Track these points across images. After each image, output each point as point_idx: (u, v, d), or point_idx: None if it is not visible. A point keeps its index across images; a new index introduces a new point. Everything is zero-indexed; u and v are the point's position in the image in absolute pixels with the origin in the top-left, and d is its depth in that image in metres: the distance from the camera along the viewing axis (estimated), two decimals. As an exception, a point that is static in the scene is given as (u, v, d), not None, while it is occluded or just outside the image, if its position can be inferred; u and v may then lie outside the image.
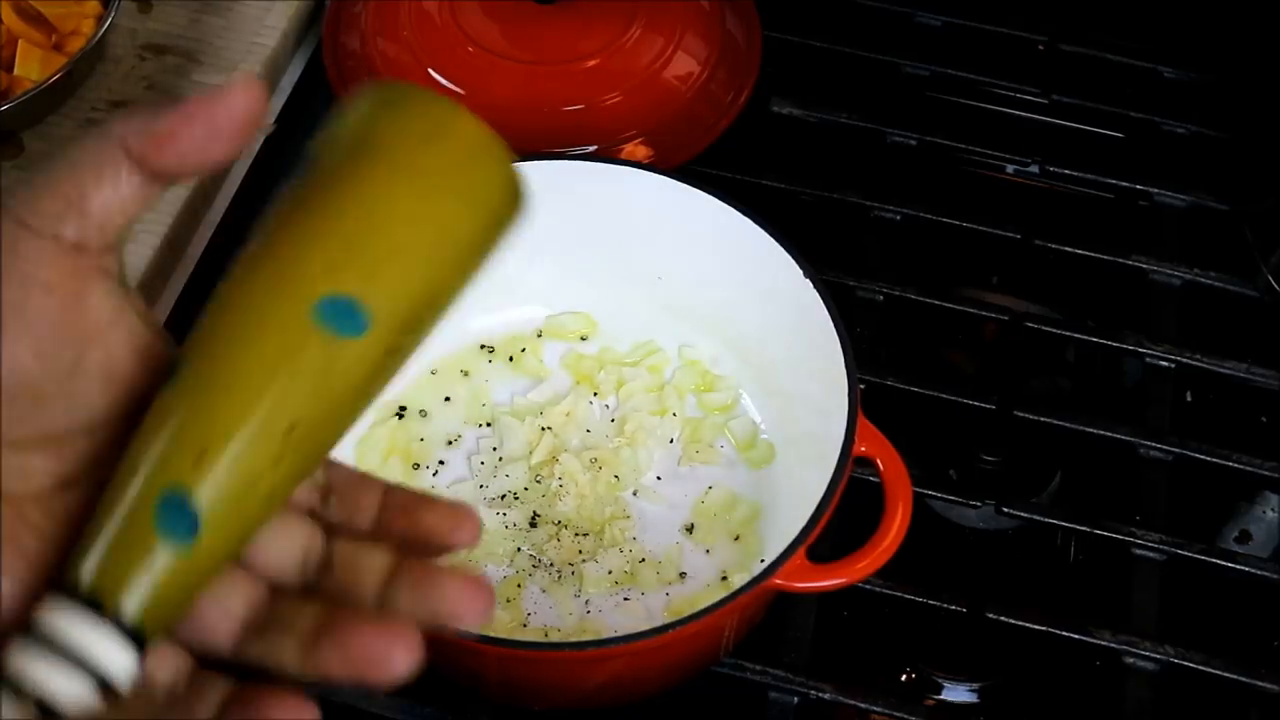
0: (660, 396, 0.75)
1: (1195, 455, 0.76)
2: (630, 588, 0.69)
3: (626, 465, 0.73)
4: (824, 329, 0.68)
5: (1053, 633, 0.70)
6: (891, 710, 0.68)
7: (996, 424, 0.77)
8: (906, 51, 0.93)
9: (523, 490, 0.72)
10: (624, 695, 0.67)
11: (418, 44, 0.86)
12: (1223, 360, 0.80)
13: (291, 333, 0.38)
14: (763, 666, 0.68)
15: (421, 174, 0.39)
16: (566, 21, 0.87)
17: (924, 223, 0.85)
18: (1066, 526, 0.75)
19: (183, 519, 0.37)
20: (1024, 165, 0.90)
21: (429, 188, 0.40)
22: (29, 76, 0.79)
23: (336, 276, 0.38)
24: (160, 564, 0.37)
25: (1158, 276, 0.84)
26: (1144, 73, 0.94)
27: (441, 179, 0.40)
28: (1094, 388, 0.85)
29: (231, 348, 0.38)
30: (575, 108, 0.84)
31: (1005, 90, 0.93)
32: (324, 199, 0.40)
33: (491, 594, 0.40)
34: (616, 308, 0.78)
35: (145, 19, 0.88)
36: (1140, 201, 0.89)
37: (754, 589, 0.61)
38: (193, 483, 0.37)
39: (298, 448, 0.39)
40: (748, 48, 0.89)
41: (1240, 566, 0.73)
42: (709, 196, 0.72)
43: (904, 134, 0.89)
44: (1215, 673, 0.69)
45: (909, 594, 0.71)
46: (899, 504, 0.63)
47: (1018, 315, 0.82)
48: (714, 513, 0.72)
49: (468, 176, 0.40)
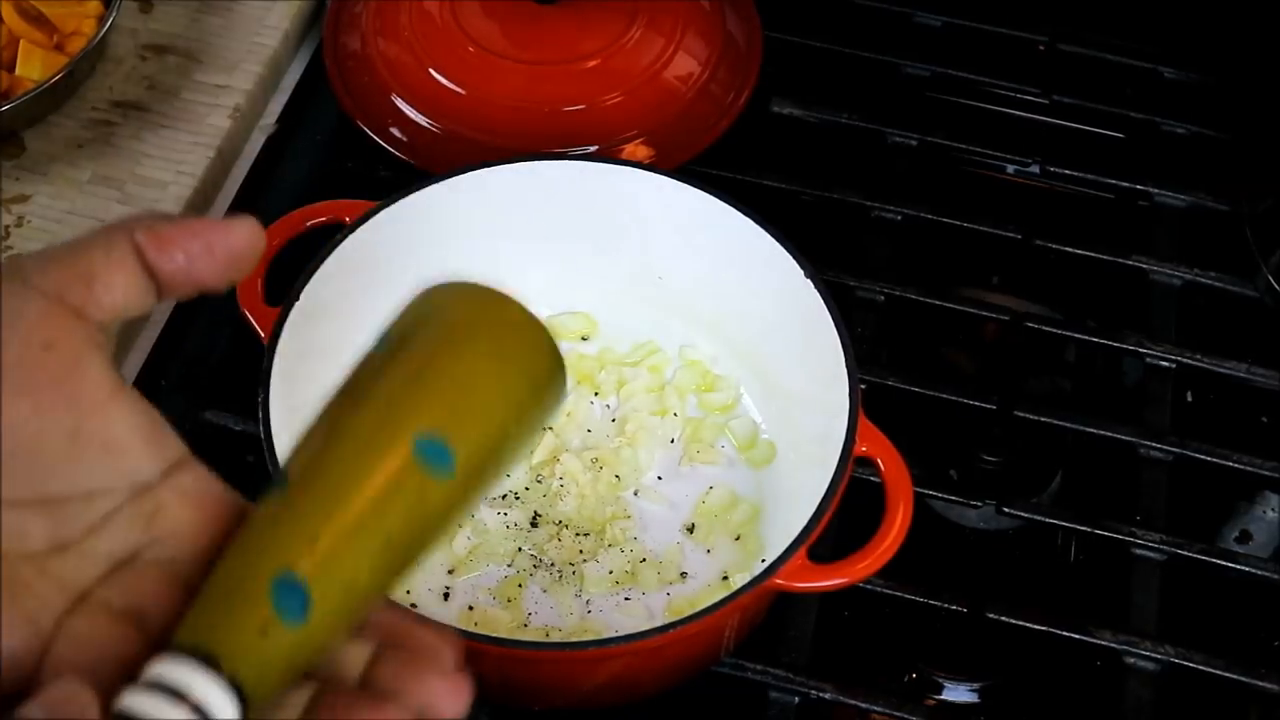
0: (661, 396, 0.75)
1: (1195, 455, 0.76)
2: (631, 588, 0.69)
3: (627, 465, 0.73)
4: (824, 329, 0.68)
5: (1053, 633, 0.70)
6: (892, 710, 0.68)
7: (997, 424, 0.78)
8: (906, 51, 0.93)
9: (523, 490, 0.72)
10: (624, 695, 0.67)
11: (418, 44, 0.86)
12: (1223, 360, 0.80)
13: (396, 462, 0.42)
14: (763, 666, 0.68)
15: (496, 352, 0.46)
16: (567, 21, 0.87)
17: (924, 223, 0.85)
18: (1067, 526, 0.75)
19: (295, 598, 0.41)
20: (1024, 165, 0.90)
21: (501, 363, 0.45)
22: (30, 76, 0.79)
23: (434, 422, 0.43)
24: (272, 635, 0.40)
25: (1158, 276, 0.84)
26: (1144, 73, 0.94)
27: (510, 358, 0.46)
28: (1094, 388, 0.85)
29: (344, 467, 0.42)
30: (575, 108, 0.84)
31: (1005, 90, 0.93)
32: (416, 361, 0.44)
33: (469, 689, 0.43)
34: (617, 308, 0.78)
35: (146, 19, 0.88)
36: (1140, 201, 0.89)
37: (755, 589, 0.61)
38: (306, 568, 0.41)
39: (391, 559, 0.43)
40: (748, 48, 0.89)
41: (1240, 566, 0.73)
42: (709, 196, 0.72)
43: (904, 134, 0.89)
44: (1215, 673, 0.69)
45: (909, 594, 0.71)
46: (900, 504, 0.63)
47: (1018, 315, 0.82)
48: (715, 513, 0.72)
49: (527, 355, 0.46)
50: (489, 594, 0.69)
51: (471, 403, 0.44)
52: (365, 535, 0.42)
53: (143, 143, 0.82)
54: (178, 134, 0.83)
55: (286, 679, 0.41)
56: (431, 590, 0.69)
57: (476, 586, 0.69)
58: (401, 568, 0.43)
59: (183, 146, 0.82)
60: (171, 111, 0.84)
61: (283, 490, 0.43)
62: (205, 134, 0.83)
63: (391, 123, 0.84)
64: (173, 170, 0.81)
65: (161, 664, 0.39)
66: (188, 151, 0.82)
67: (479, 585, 0.69)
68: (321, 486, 0.42)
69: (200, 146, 0.82)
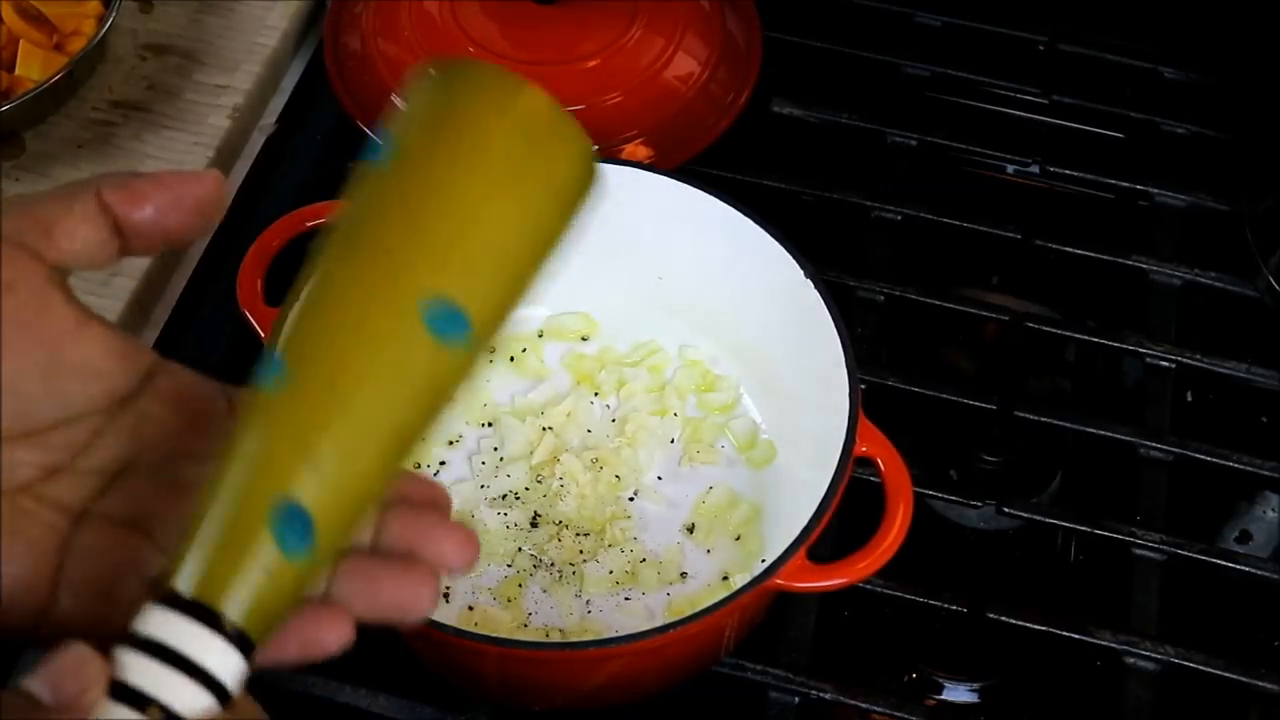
0: (661, 396, 0.75)
1: (1195, 455, 0.76)
2: (631, 588, 0.69)
3: (627, 465, 0.73)
4: (824, 329, 0.68)
5: (1053, 633, 0.70)
6: (892, 710, 0.68)
7: (997, 424, 0.78)
8: (906, 51, 0.93)
9: (524, 490, 0.72)
10: (624, 695, 0.67)
11: (418, 44, 0.86)
12: (1223, 360, 0.80)
13: (403, 341, 0.38)
14: (763, 666, 0.68)
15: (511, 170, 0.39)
16: (567, 21, 0.87)
17: (924, 223, 0.85)
18: (1066, 526, 0.75)
19: (299, 530, 0.37)
20: (1024, 165, 0.90)
21: (518, 184, 0.39)
22: (30, 76, 0.79)
23: (444, 282, 0.38)
24: (276, 574, 0.37)
25: (1158, 276, 0.84)
26: (1144, 73, 0.94)
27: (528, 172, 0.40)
28: (1094, 388, 0.85)
29: (344, 355, 0.38)
30: (575, 108, 0.83)
31: (1005, 90, 0.93)
32: (419, 196, 0.39)
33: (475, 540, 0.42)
34: (617, 308, 0.78)
35: (146, 19, 0.88)
36: (1140, 201, 0.89)
37: (755, 589, 0.61)
38: (310, 496, 0.37)
39: (400, 452, 0.39)
40: (748, 48, 0.89)
41: (1240, 566, 0.73)
42: (709, 196, 0.72)
43: (904, 134, 0.89)
44: (1215, 673, 0.69)
45: (909, 594, 0.71)
46: (899, 504, 0.63)
47: (1018, 315, 0.82)
48: (715, 513, 0.72)
49: (551, 161, 0.40)
50: (489, 594, 0.69)
51: (487, 243, 0.39)
52: (374, 440, 0.38)
53: (143, 143, 0.82)
54: (178, 134, 0.83)
55: (292, 608, 0.39)
56: (431, 590, 0.69)
57: (476, 586, 0.69)
58: (411, 451, 0.40)
59: (183, 147, 0.82)
60: (171, 112, 0.84)
61: (277, 382, 0.38)
62: (205, 134, 0.83)
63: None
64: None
65: (159, 624, 0.37)
66: (188, 152, 0.82)
67: (479, 585, 0.69)
68: (318, 381, 0.38)
69: (200, 147, 0.82)
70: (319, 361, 0.38)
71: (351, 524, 0.39)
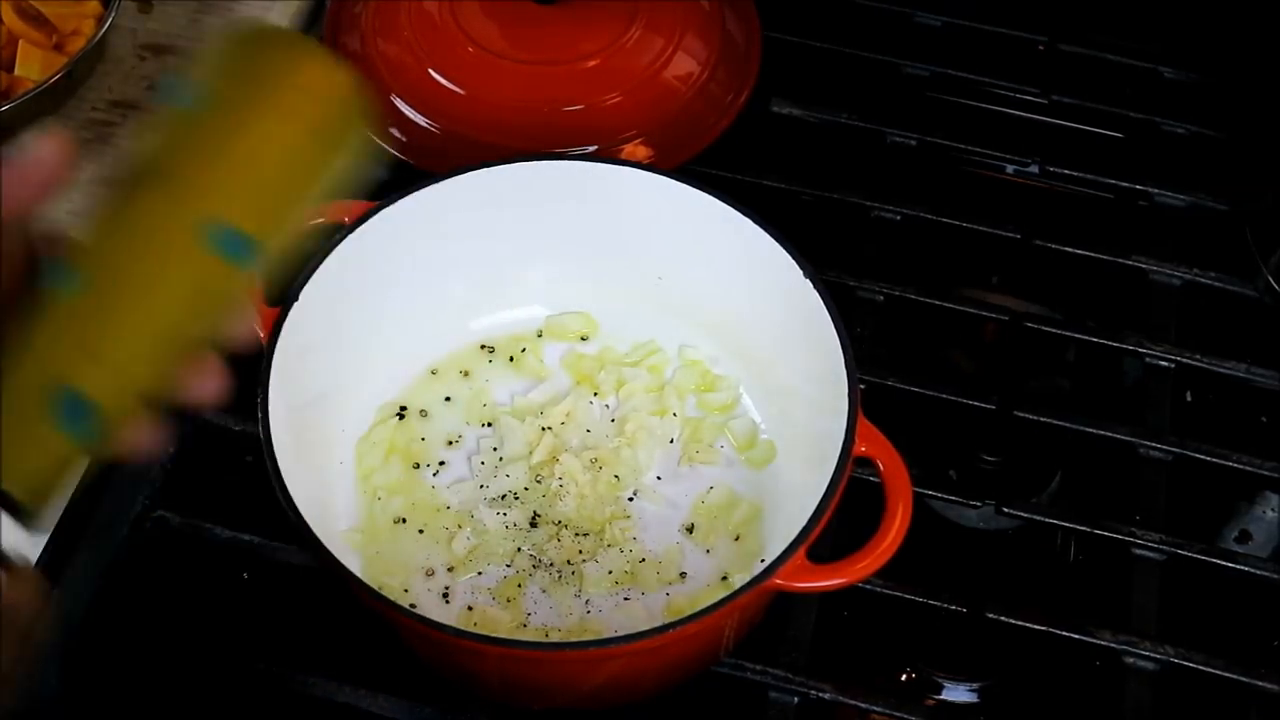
0: (660, 396, 0.75)
1: (1195, 455, 0.76)
2: (630, 588, 0.69)
3: (627, 465, 0.73)
4: (824, 329, 0.68)
5: (1053, 633, 0.70)
6: (891, 710, 0.68)
7: (996, 424, 0.77)
8: (906, 51, 0.93)
9: (523, 490, 0.72)
10: (624, 695, 0.67)
11: (418, 44, 0.86)
12: (1223, 360, 0.80)
13: (183, 255, 0.44)
14: (763, 666, 0.68)
15: (288, 117, 0.46)
16: (566, 21, 0.87)
17: (924, 223, 0.85)
18: (1066, 526, 0.75)
19: (79, 416, 0.42)
20: (1024, 165, 0.90)
21: (293, 127, 0.46)
22: (29, 76, 0.79)
23: (227, 211, 0.44)
24: (56, 456, 0.42)
25: (1158, 276, 0.84)
26: (1144, 73, 0.94)
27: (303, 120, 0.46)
28: (1094, 388, 0.85)
29: (130, 263, 0.43)
30: (575, 108, 0.84)
31: (1005, 90, 0.93)
32: (206, 136, 0.45)
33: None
34: (616, 308, 0.78)
35: (145, 19, 0.88)
36: (1140, 201, 0.89)
37: (754, 589, 0.61)
38: (91, 384, 0.42)
39: (179, 351, 0.45)
40: (748, 48, 0.89)
41: (1240, 566, 0.73)
42: (709, 196, 0.72)
43: (904, 134, 0.89)
44: (1215, 673, 0.69)
45: (909, 594, 0.71)
46: (899, 504, 0.63)
47: (1018, 315, 0.82)
48: (714, 513, 0.72)
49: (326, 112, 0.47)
50: (489, 594, 0.69)
51: (265, 179, 0.45)
52: (152, 340, 0.43)
53: (142, 143, 0.82)
54: (177, 134, 0.83)
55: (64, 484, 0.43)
56: (431, 591, 0.69)
57: (476, 587, 0.69)
58: (190, 350, 0.45)
59: (182, 146, 0.82)
60: (171, 111, 0.84)
61: (65, 289, 0.43)
62: (205, 134, 0.83)
63: (391, 123, 0.84)
64: (172, 170, 0.81)
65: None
66: (187, 151, 0.82)
67: (479, 585, 0.69)
68: (103, 290, 0.43)
69: (200, 146, 0.82)
70: (102, 271, 0.43)
71: (130, 410, 0.44)
